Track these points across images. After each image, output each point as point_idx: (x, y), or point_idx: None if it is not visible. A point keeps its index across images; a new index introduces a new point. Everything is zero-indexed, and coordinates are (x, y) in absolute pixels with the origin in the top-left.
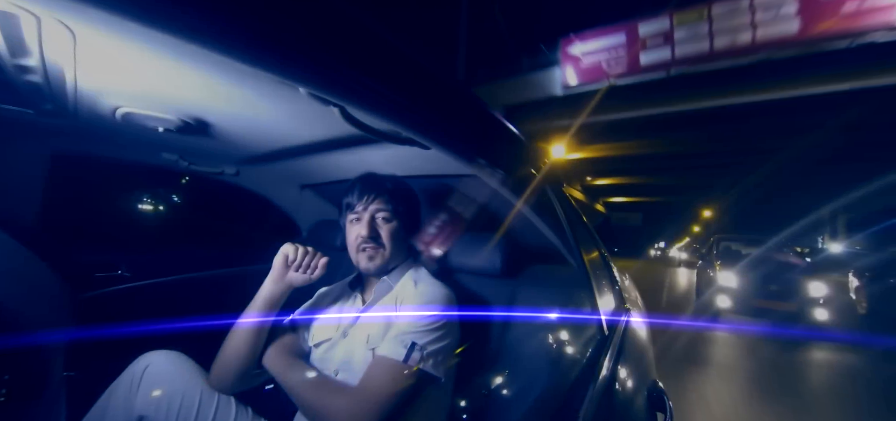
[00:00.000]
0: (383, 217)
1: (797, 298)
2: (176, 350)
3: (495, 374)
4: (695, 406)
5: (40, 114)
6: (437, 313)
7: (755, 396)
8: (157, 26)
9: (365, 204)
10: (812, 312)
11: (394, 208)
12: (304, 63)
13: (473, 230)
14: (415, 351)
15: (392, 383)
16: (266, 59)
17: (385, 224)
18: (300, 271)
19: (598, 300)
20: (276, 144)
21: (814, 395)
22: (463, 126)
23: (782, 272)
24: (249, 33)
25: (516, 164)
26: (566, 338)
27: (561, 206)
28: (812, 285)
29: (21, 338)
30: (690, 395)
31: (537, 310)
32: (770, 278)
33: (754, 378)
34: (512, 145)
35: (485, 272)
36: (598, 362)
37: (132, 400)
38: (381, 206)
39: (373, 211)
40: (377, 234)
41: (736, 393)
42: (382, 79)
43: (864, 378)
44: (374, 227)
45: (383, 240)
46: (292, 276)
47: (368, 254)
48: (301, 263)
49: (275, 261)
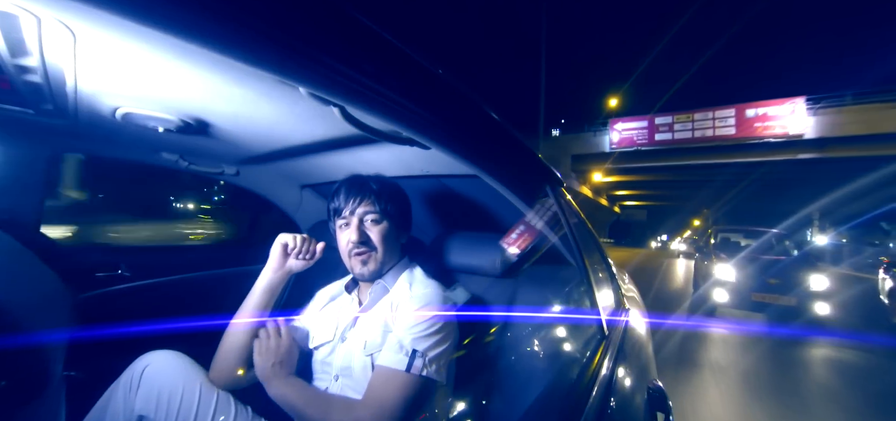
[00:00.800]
0: (372, 219)
1: (796, 292)
2: (176, 350)
3: (495, 374)
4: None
5: (40, 114)
6: (434, 315)
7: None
8: (157, 26)
9: (352, 207)
10: (812, 307)
11: (382, 209)
12: (304, 63)
13: (473, 230)
14: (416, 358)
15: (397, 394)
16: (266, 59)
17: (374, 226)
18: (299, 258)
19: (598, 300)
20: (276, 144)
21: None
22: (463, 126)
23: (781, 265)
24: (249, 33)
25: (516, 165)
26: (566, 338)
27: (561, 206)
28: (813, 278)
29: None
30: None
31: (537, 310)
32: (768, 271)
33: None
34: (512, 146)
35: (485, 272)
36: (598, 362)
37: (131, 400)
38: (368, 208)
39: (361, 214)
40: (367, 237)
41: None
42: (382, 79)
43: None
44: (363, 230)
45: (374, 243)
46: (292, 262)
47: (361, 259)
48: (300, 250)
49: (273, 250)
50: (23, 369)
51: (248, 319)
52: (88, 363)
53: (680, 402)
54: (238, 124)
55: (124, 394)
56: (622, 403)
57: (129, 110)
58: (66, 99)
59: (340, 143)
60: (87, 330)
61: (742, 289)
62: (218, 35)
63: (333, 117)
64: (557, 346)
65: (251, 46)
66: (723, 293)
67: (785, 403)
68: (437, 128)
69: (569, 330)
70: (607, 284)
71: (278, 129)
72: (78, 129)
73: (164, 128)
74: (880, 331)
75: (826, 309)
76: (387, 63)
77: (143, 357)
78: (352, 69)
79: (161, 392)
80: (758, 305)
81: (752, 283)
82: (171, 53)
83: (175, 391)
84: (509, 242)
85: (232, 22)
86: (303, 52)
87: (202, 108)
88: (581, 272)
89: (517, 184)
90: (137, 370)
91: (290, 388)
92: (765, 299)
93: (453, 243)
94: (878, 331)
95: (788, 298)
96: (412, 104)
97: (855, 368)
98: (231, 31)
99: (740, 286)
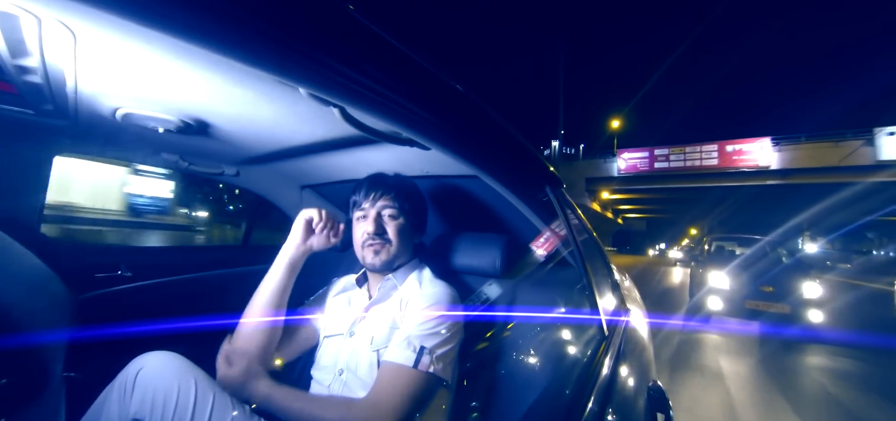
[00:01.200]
0: (390, 214)
1: (790, 300)
2: (176, 351)
3: (496, 374)
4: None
5: (40, 114)
6: (442, 314)
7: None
8: (157, 26)
9: (372, 201)
10: (805, 314)
11: (400, 206)
12: (304, 63)
13: (475, 231)
14: (424, 355)
15: (404, 389)
16: (266, 59)
17: (391, 221)
18: (322, 235)
19: (599, 301)
20: (276, 145)
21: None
22: (463, 127)
23: (774, 272)
24: (249, 33)
25: (516, 165)
26: (567, 338)
27: (561, 206)
28: (806, 285)
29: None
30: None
31: (538, 310)
32: (762, 279)
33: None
34: (512, 146)
35: (486, 273)
36: (598, 363)
37: (126, 404)
38: (387, 203)
39: (379, 208)
40: (383, 230)
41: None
42: (382, 79)
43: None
44: (380, 223)
45: (389, 236)
46: (314, 239)
47: (374, 249)
48: (325, 226)
49: (295, 226)
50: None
51: (268, 299)
52: (88, 363)
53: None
54: (238, 125)
55: (119, 397)
56: (622, 404)
57: (129, 111)
58: (67, 99)
59: (340, 144)
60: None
61: (735, 297)
62: (218, 35)
63: (333, 118)
64: (558, 346)
65: (251, 47)
66: (717, 301)
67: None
68: (438, 128)
69: (569, 330)
70: (607, 284)
71: (278, 129)
72: (78, 130)
73: (164, 128)
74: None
75: (819, 316)
76: (387, 63)
77: (137, 360)
78: (352, 70)
79: (156, 394)
80: (752, 313)
81: (745, 290)
82: (171, 54)
83: (170, 393)
84: (509, 242)
85: (232, 22)
86: (303, 52)
87: (202, 109)
88: (581, 273)
89: (517, 184)
90: (131, 373)
91: (293, 397)
92: (758, 307)
93: (453, 244)
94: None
95: (782, 306)
96: (412, 104)
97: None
98: (231, 31)
99: (734, 294)
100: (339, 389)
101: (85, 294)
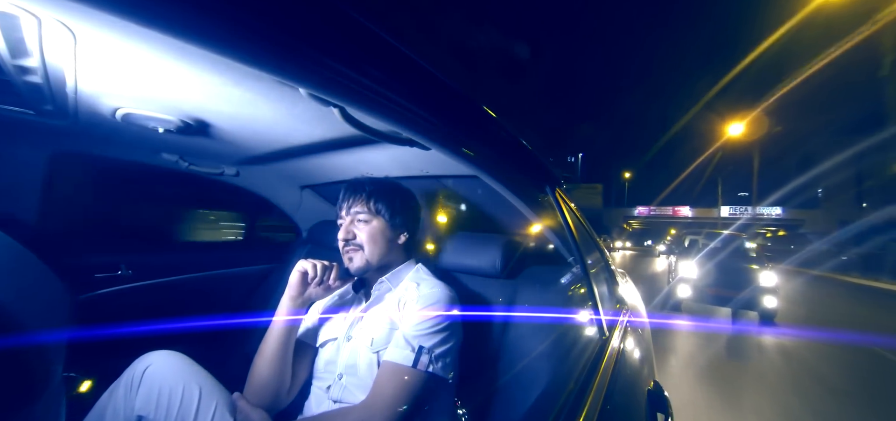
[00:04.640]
0: (362, 218)
1: (748, 287)
2: (177, 350)
3: (496, 374)
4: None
5: (40, 114)
6: (441, 314)
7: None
8: (157, 26)
9: (347, 208)
10: (762, 300)
11: (375, 209)
12: (303, 63)
13: (474, 231)
14: (423, 354)
15: (403, 389)
16: (266, 59)
17: (363, 226)
18: (320, 286)
19: (598, 300)
20: (275, 145)
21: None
22: (463, 127)
23: (736, 264)
24: (249, 33)
25: (516, 165)
26: (567, 338)
27: (561, 206)
28: (763, 275)
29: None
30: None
31: (538, 310)
32: (726, 269)
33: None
34: (513, 147)
35: (486, 273)
36: (598, 362)
37: (132, 401)
38: (360, 208)
39: (354, 214)
40: (354, 235)
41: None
42: (382, 79)
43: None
44: (351, 228)
45: (360, 241)
46: (311, 291)
47: (348, 255)
48: (321, 278)
49: (291, 279)
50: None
51: (274, 353)
52: (88, 363)
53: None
54: (238, 125)
55: (125, 394)
56: (622, 403)
57: (129, 111)
58: (67, 99)
59: (340, 144)
60: (87, 330)
61: (702, 285)
62: (218, 35)
63: (333, 118)
64: (558, 345)
65: (251, 47)
66: (686, 289)
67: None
68: (437, 128)
69: (569, 330)
70: (607, 284)
71: (278, 129)
72: (78, 130)
73: (164, 128)
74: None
75: (773, 302)
76: (387, 64)
77: (145, 357)
78: (352, 70)
79: (161, 393)
80: (717, 299)
81: (710, 279)
82: (171, 54)
83: (175, 392)
84: (509, 242)
85: (232, 22)
86: (303, 52)
87: (202, 109)
88: (581, 272)
89: (517, 184)
90: (138, 370)
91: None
92: (721, 293)
93: (453, 244)
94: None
95: (742, 293)
96: (412, 105)
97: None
98: (231, 31)
99: (700, 282)
100: (338, 393)
101: (85, 294)
